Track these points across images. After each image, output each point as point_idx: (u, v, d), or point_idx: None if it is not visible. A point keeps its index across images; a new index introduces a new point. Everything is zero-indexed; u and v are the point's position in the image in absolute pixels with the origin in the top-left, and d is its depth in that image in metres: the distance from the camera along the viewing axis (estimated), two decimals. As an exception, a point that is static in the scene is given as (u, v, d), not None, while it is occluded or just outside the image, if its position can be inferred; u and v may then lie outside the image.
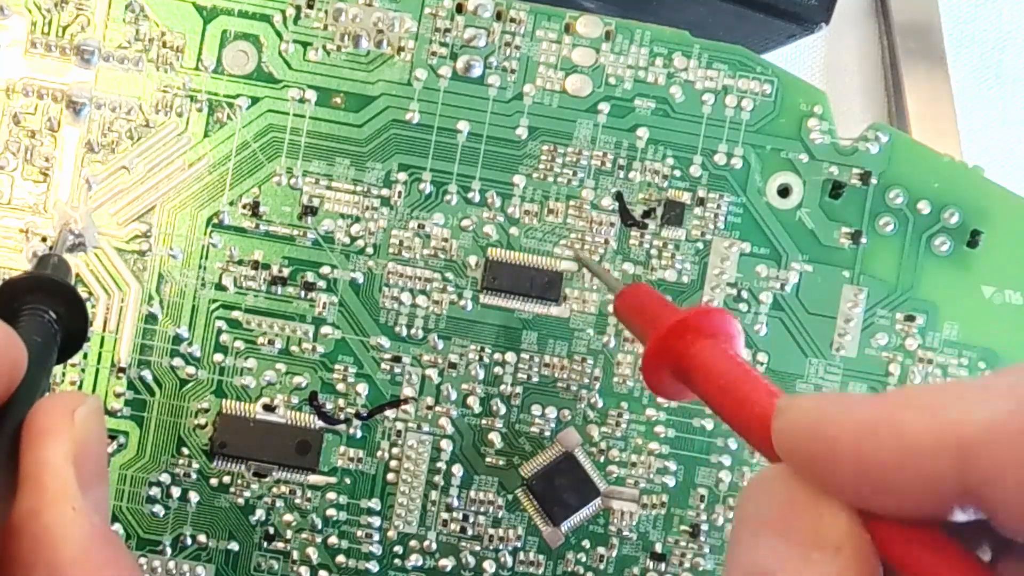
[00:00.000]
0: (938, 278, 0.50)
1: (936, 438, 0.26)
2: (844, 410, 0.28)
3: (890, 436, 0.27)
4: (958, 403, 0.26)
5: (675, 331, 0.37)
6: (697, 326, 0.37)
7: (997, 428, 0.25)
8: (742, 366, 0.35)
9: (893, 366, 0.49)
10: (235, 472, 0.48)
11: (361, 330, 0.48)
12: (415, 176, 0.48)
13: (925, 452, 0.26)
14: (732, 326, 0.38)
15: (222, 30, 0.47)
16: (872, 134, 0.49)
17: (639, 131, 0.49)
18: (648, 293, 0.43)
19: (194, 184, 0.47)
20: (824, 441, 0.28)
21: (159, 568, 0.48)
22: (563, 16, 0.49)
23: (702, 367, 0.36)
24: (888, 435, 0.27)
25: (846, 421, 0.28)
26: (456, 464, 0.49)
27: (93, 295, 0.47)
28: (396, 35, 0.48)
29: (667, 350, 0.38)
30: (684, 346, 0.37)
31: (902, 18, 0.62)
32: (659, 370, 0.38)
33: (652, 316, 0.40)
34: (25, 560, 0.30)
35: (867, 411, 0.28)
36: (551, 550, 0.49)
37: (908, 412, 0.27)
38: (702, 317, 0.38)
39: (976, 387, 0.27)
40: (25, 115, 0.47)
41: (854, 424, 0.27)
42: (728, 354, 0.36)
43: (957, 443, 0.26)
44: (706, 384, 0.36)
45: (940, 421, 0.26)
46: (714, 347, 0.37)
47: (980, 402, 0.26)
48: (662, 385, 0.39)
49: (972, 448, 0.25)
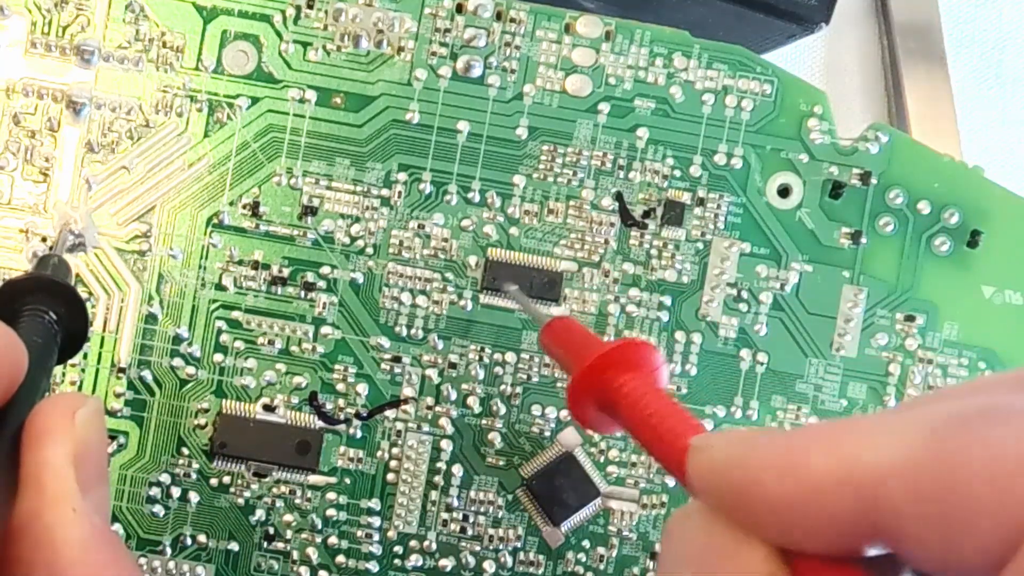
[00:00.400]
0: (938, 278, 0.50)
1: (837, 478, 0.26)
2: (751, 451, 0.28)
3: (794, 477, 0.27)
4: (857, 442, 0.26)
5: (599, 364, 0.38)
6: (620, 359, 0.38)
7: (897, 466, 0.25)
8: (665, 399, 0.35)
9: (893, 366, 0.50)
10: (235, 472, 0.48)
11: (361, 330, 0.48)
12: (415, 176, 0.48)
13: (828, 492, 0.26)
14: (655, 358, 0.38)
15: (222, 30, 0.47)
16: (872, 134, 0.49)
17: (639, 131, 0.49)
18: (573, 326, 0.44)
19: (194, 184, 0.47)
20: (734, 482, 0.28)
21: (159, 568, 0.48)
22: (563, 16, 0.49)
23: (626, 400, 0.37)
24: (792, 476, 0.27)
25: (752, 462, 0.28)
26: (456, 464, 0.49)
27: (93, 295, 0.47)
28: (396, 35, 0.48)
29: (592, 383, 0.38)
30: (608, 379, 0.37)
31: (902, 18, 0.62)
32: (585, 403, 0.38)
33: (576, 349, 0.41)
34: (26, 561, 0.30)
35: (772, 452, 0.28)
36: (551, 550, 0.49)
37: (810, 452, 0.27)
38: (626, 350, 0.38)
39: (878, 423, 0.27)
40: (25, 115, 0.47)
41: (760, 465, 0.28)
42: (652, 387, 0.36)
43: (857, 482, 0.26)
44: (630, 417, 0.36)
45: (840, 461, 0.26)
46: (638, 380, 0.37)
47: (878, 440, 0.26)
48: (588, 418, 0.39)
49: (871, 487, 0.25)
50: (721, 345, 0.49)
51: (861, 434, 0.27)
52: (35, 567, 0.30)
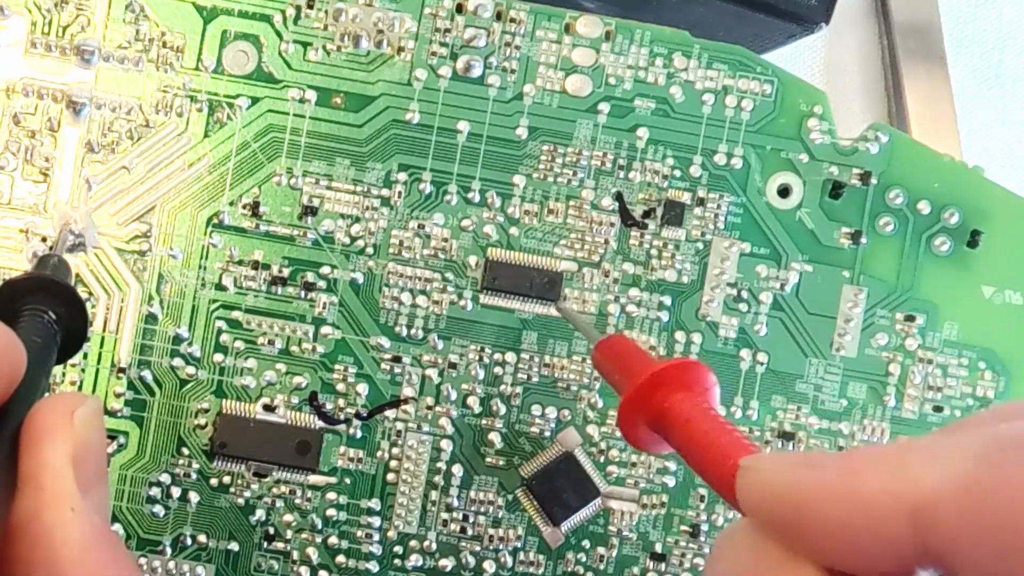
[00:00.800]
0: (938, 278, 0.50)
1: (891, 501, 0.26)
2: (804, 473, 0.28)
3: (848, 500, 0.27)
4: (912, 464, 0.27)
5: (651, 383, 0.38)
6: (673, 378, 0.38)
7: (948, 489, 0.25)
8: (716, 419, 0.35)
9: (893, 366, 0.50)
10: (235, 472, 0.48)
11: (361, 330, 0.48)
12: (415, 176, 0.48)
13: (882, 515, 0.26)
14: (707, 378, 0.38)
15: (222, 30, 0.47)
16: (872, 134, 0.49)
17: (639, 131, 0.49)
18: (625, 344, 0.44)
19: (194, 184, 0.47)
20: (786, 504, 0.28)
21: (159, 568, 0.48)
22: (563, 16, 0.49)
23: (677, 420, 0.37)
24: (846, 498, 0.27)
25: (806, 485, 0.28)
26: (456, 464, 0.49)
27: (93, 295, 0.47)
28: (396, 35, 0.48)
29: (643, 402, 0.38)
30: (660, 398, 0.38)
31: (902, 18, 0.62)
32: (635, 422, 0.38)
33: (628, 367, 0.41)
34: (25, 561, 0.30)
35: (826, 474, 0.28)
36: (551, 550, 0.49)
37: (865, 475, 0.27)
38: (678, 370, 0.38)
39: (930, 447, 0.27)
40: (25, 115, 0.47)
41: (815, 488, 0.28)
42: (702, 407, 0.36)
43: (911, 506, 0.26)
44: (680, 437, 0.36)
45: (895, 484, 0.26)
46: (689, 400, 0.37)
47: (933, 463, 0.26)
48: (638, 437, 0.39)
49: (925, 511, 0.26)
50: (721, 345, 0.49)
51: (916, 456, 0.27)
52: (35, 567, 0.30)
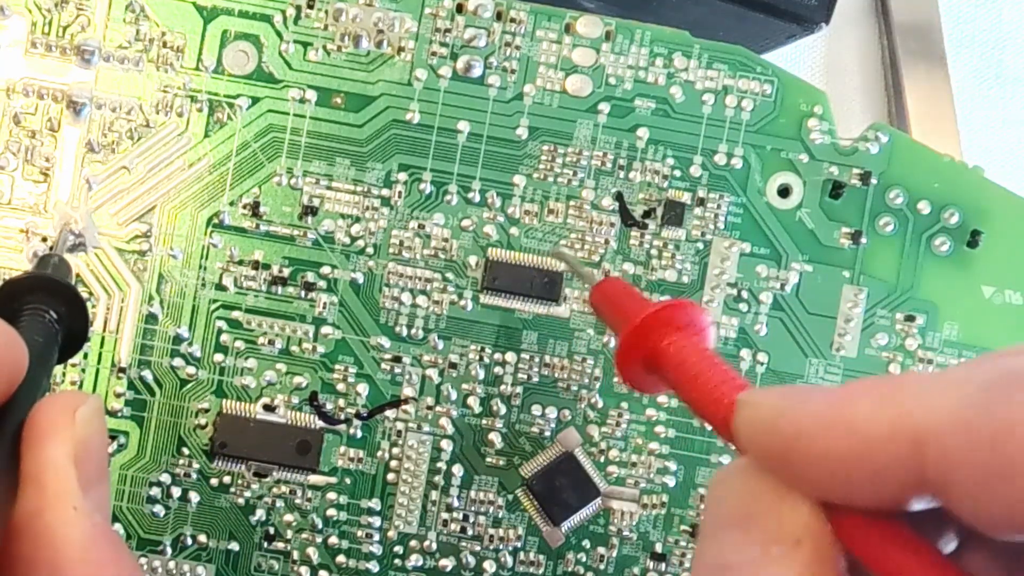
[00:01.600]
0: (938, 278, 0.50)
1: (890, 429, 0.26)
2: (801, 403, 0.28)
3: (845, 428, 0.27)
4: (912, 394, 0.27)
5: (647, 324, 0.38)
6: (668, 319, 0.38)
7: (950, 418, 0.25)
8: (711, 358, 0.35)
9: (893, 366, 0.50)
10: (235, 472, 0.48)
11: (361, 330, 0.48)
12: (415, 176, 0.48)
13: (880, 443, 0.26)
14: (703, 318, 0.38)
15: (222, 30, 0.47)
16: (872, 134, 0.49)
17: (639, 131, 0.49)
18: (622, 287, 0.44)
19: (194, 184, 0.47)
20: (781, 435, 0.28)
21: (159, 568, 0.48)
22: (563, 16, 0.49)
23: (673, 359, 0.36)
24: (843, 427, 0.27)
25: (802, 414, 0.28)
26: (456, 464, 0.49)
27: (93, 295, 0.47)
28: (396, 35, 0.48)
29: (639, 343, 0.38)
30: (656, 339, 0.37)
31: (902, 18, 0.62)
32: (632, 363, 0.38)
33: (625, 309, 0.41)
34: (27, 560, 0.30)
35: (823, 404, 0.28)
36: (551, 550, 0.49)
37: (863, 404, 0.27)
38: (673, 310, 0.38)
39: (931, 378, 0.27)
40: (25, 115, 0.47)
41: (810, 417, 0.28)
42: (699, 346, 0.36)
43: (911, 434, 0.26)
44: (676, 376, 0.36)
45: (894, 412, 0.26)
46: (685, 339, 0.37)
47: (934, 393, 0.26)
48: (636, 378, 0.39)
49: (926, 438, 0.26)
50: (721, 345, 0.49)
51: (914, 388, 0.27)
52: (36, 566, 0.30)
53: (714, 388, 0.34)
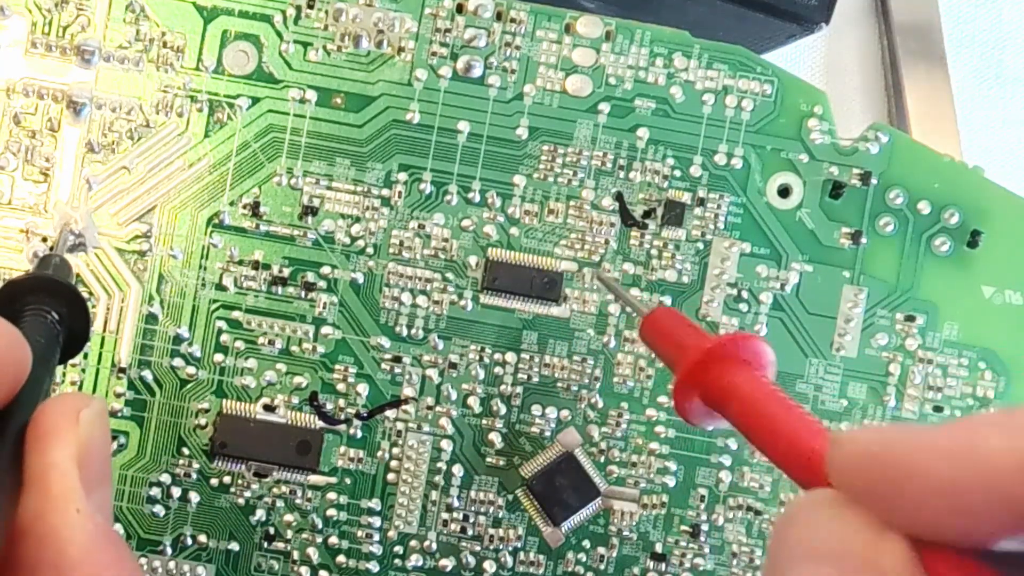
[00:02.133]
0: (938, 278, 0.50)
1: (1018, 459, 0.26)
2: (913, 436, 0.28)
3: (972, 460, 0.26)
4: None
5: (710, 357, 0.37)
6: (731, 353, 0.37)
7: None
8: (782, 398, 0.35)
9: (893, 366, 0.50)
10: (235, 472, 0.48)
11: (361, 330, 0.48)
12: (415, 176, 0.48)
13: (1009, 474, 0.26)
14: (766, 354, 0.37)
15: (222, 30, 0.47)
16: (872, 134, 0.49)
17: (639, 131, 0.49)
18: (676, 317, 0.43)
19: (194, 184, 0.47)
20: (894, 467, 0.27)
21: (159, 568, 0.48)
22: (563, 16, 0.49)
23: (737, 395, 0.36)
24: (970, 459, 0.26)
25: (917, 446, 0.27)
26: (456, 464, 0.49)
27: (93, 295, 0.47)
28: (396, 35, 0.48)
29: (699, 377, 0.37)
30: (719, 373, 0.37)
31: (902, 18, 0.62)
32: (691, 396, 0.38)
33: (682, 342, 0.40)
34: (30, 561, 0.30)
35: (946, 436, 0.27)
36: (551, 550, 0.49)
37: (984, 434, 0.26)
38: (737, 343, 0.37)
39: None
40: (25, 115, 0.47)
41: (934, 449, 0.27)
42: (767, 385, 0.36)
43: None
44: (743, 415, 0.35)
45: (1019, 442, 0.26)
46: (750, 375, 0.36)
47: None
48: (694, 412, 0.38)
49: None
50: (721, 345, 0.49)
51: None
52: (39, 567, 0.30)
53: (787, 426, 0.33)
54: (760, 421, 0.34)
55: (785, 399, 0.35)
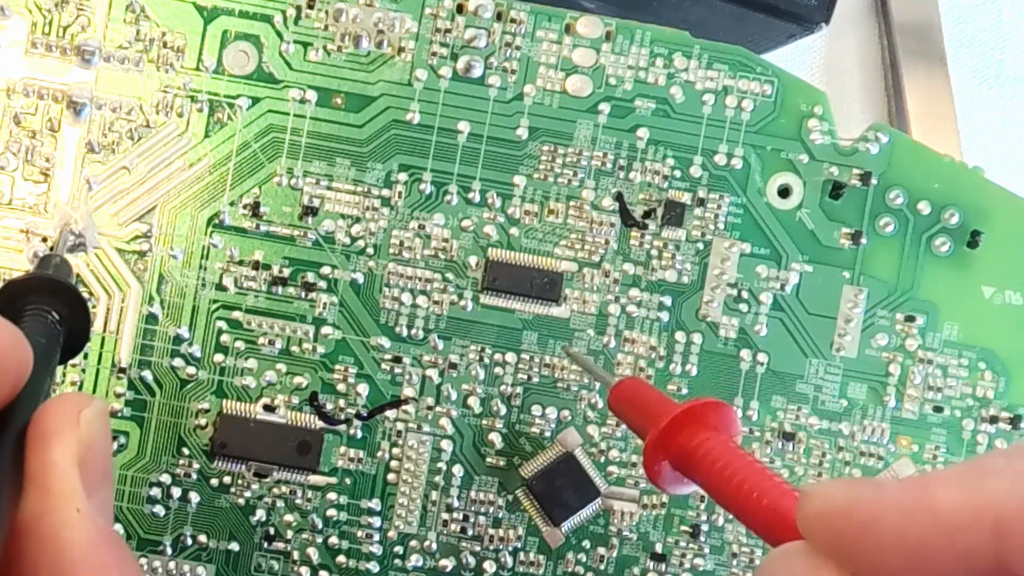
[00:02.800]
0: (938, 279, 0.50)
1: (971, 515, 0.26)
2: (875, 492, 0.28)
3: (925, 514, 0.27)
4: (991, 479, 0.26)
5: (677, 423, 0.38)
6: (698, 417, 0.38)
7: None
8: (746, 457, 0.36)
9: (893, 366, 0.50)
10: (235, 472, 0.48)
11: (361, 330, 0.48)
12: (415, 176, 0.48)
13: (960, 530, 0.26)
14: (730, 417, 0.39)
15: (223, 30, 0.47)
16: (872, 135, 0.49)
17: (639, 131, 0.49)
18: (641, 386, 0.44)
19: (195, 184, 0.47)
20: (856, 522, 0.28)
21: (159, 568, 0.48)
22: (563, 16, 0.49)
23: (707, 458, 0.37)
24: (923, 513, 0.27)
25: (877, 502, 0.28)
26: (456, 464, 0.49)
27: (94, 295, 0.47)
28: (397, 35, 0.48)
29: (668, 443, 0.38)
30: (686, 438, 0.38)
31: (902, 18, 0.62)
32: (659, 462, 0.39)
33: (649, 409, 0.41)
34: (31, 562, 0.30)
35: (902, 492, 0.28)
36: (551, 550, 0.49)
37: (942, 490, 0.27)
38: (704, 409, 0.38)
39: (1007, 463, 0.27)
40: (25, 115, 0.47)
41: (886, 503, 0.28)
42: (731, 447, 0.37)
43: (993, 519, 0.26)
44: (712, 478, 0.36)
45: (975, 497, 0.26)
46: (716, 440, 0.37)
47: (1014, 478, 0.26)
48: (663, 477, 0.39)
49: (1008, 523, 0.26)
50: (721, 345, 0.49)
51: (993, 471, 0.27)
52: (40, 567, 0.30)
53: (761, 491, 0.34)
54: (730, 483, 0.35)
55: (753, 461, 0.36)
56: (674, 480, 0.39)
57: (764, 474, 0.34)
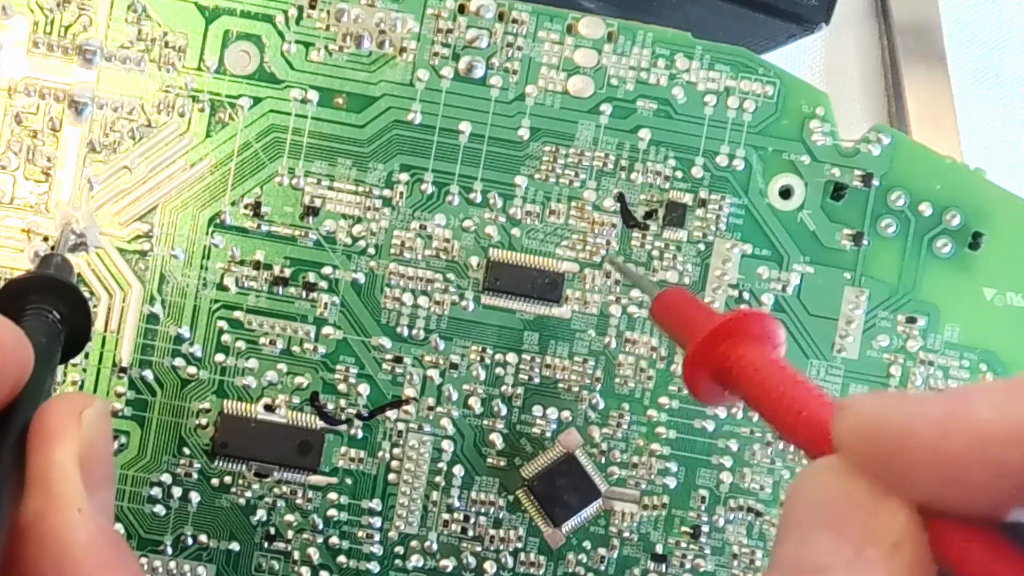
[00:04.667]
0: (939, 280, 0.50)
1: (1011, 429, 0.26)
2: (914, 404, 0.28)
3: (964, 428, 0.26)
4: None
5: (718, 334, 0.37)
6: (741, 329, 0.37)
7: None
8: (791, 374, 0.35)
9: (894, 368, 0.50)
10: (236, 472, 0.48)
11: (362, 331, 0.48)
12: (417, 177, 0.48)
13: (999, 443, 0.26)
14: (776, 330, 0.37)
15: (224, 30, 0.47)
16: (874, 136, 0.49)
17: (641, 132, 0.49)
18: (686, 296, 0.43)
19: (196, 184, 0.47)
20: (892, 434, 0.27)
21: (160, 568, 0.48)
22: (565, 17, 0.49)
23: (747, 370, 0.36)
24: (962, 427, 0.26)
25: (916, 414, 0.27)
26: (457, 465, 0.49)
27: (95, 295, 0.47)
28: (398, 36, 0.48)
29: (710, 354, 0.37)
30: (727, 349, 0.37)
31: (902, 18, 0.62)
32: (700, 374, 0.38)
33: (691, 319, 0.40)
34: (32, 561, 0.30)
35: (938, 404, 0.27)
36: (552, 551, 0.49)
37: (984, 404, 0.26)
38: (746, 320, 0.37)
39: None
40: (27, 115, 0.47)
41: (926, 417, 0.27)
42: (776, 360, 0.36)
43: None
44: (753, 390, 0.35)
45: (1014, 411, 0.26)
46: (760, 351, 0.36)
47: None
48: (704, 389, 0.38)
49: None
50: (722, 346, 0.49)
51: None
52: (41, 566, 0.30)
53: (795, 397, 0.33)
54: (769, 395, 0.34)
55: (794, 373, 0.34)
56: (713, 392, 0.38)
57: (804, 387, 0.33)
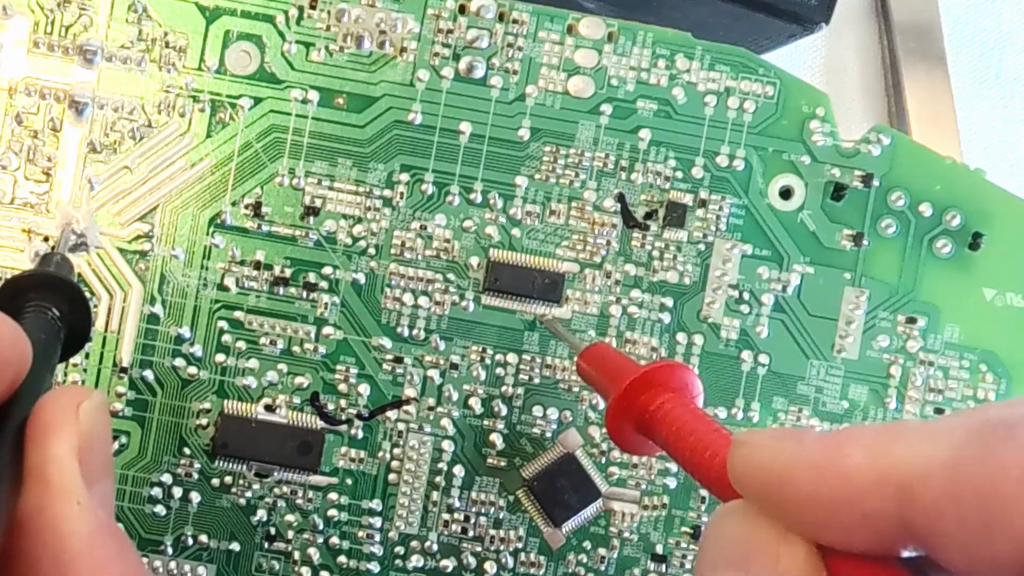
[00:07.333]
0: (939, 280, 0.50)
1: (877, 477, 0.27)
2: (794, 447, 0.29)
3: (834, 474, 0.27)
4: (899, 443, 0.27)
5: (636, 386, 0.39)
6: (659, 380, 0.39)
7: (935, 469, 0.26)
8: (700, 415, 0.36)
9: (894, 368, 0.50)
10: (236, 472, 0.48)
11: (363, 331, 0.48)
12: (417, 177, 0.48)
13: (866, 491, 0.27)
14: (694, 381, 0.39)
15: (225, 30, 0.47)
16: (874, 136, 0.49)
17: (641, 132, 0.49)
18: (609, 351, 0.45)
19: (196, 184, 0.47)
20: (775, 476, 0.29)
21: (160, 568, 0.47)
22: (565, 17, 0.49)
23: (666, 420, 0.37)
24: (832, 473, 0.27)
25: (795, 458, 0.28)
26: (457, 465, 0.49)
27: (95, 295, 0.47)
28: (399, 36, 0.48)
29: (629, 405, 0.39)
30: (647, 400, 0.38)
31: (902, 18, 0.62)
32: (623, 425, 0.39)
33: (613, 372, 0.41)
34: (32, 554, 0.30)
35: (811, 449, 0.28)
36: (552, 551, 0.49)
37: (851, 451, 0.27)
38: (663, 371, 0.39)
39: (918, 428, 0.27)
40: (27, 115, 0.47)
41: (802, 461, 0.28)
42: (688, 406, 0.37)
43: (897, 483, 0.26)
44: (669, 437, 0.37)
45: (881, 461, 0.27)
46: (675, 400, 0.37)
47: (920, 443, 0.27)
48: (626, 439, 0.40)
49: (910, 488, 0.26)
50: (723, 347, 0.49)
51: (902, 436, 0.27)
52: (41, 560, 0.30)
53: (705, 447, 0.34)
54: (686, 440, 0.35)
55: (710, 421, 0.36)
56: (638, 443, 0.39)
57: (720, 433, 0.34)
